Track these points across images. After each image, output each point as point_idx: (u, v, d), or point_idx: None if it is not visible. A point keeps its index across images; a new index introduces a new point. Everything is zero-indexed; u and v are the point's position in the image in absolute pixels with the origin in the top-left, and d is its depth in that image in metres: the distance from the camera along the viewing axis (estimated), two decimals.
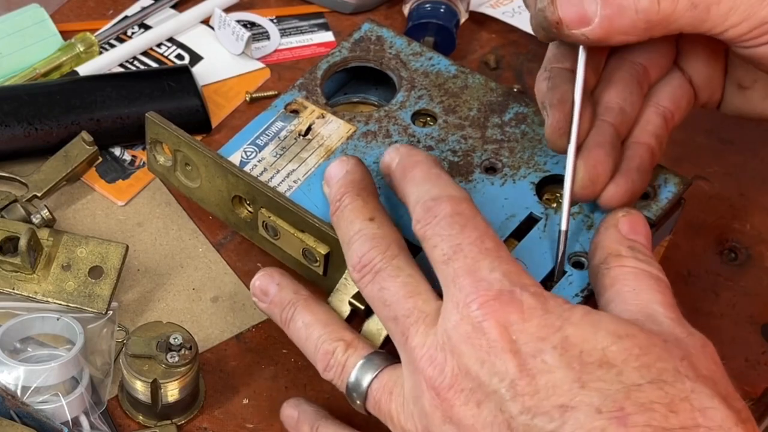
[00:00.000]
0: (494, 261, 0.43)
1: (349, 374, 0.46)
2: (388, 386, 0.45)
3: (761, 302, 0.59)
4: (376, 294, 0.45)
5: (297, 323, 0.48)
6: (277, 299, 0.49)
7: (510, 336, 0.41)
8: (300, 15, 0.72)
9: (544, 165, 0.54)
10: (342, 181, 0.49)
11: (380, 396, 0.45)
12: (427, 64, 0.58)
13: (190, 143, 0.54)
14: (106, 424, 0.52)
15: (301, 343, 0.48)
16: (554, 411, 0.39)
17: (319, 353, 0.47)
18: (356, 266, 0.46)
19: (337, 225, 0.48)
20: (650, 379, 0.39)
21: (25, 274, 0.54)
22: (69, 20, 0.70)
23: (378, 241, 0.46)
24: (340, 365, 0.46)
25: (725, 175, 0.64)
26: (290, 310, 0.48)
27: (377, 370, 0.45)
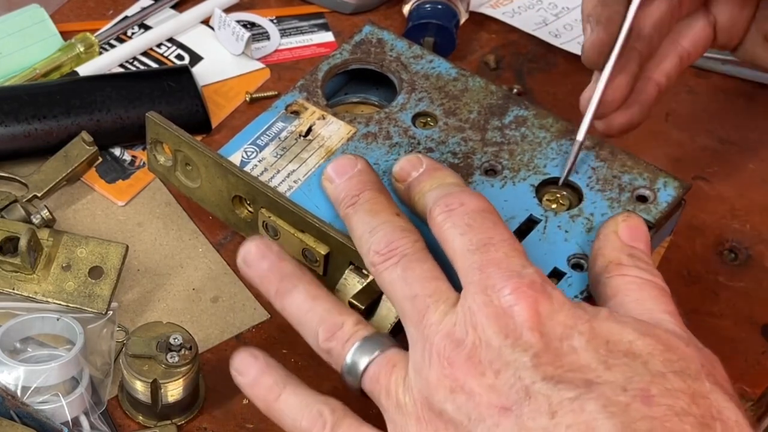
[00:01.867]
0: (526, 261, 0.43)
1: (353, 346, 0.45)
2: (392, 361, 0.44)
3: (761, 302, 0.59)
4: (399, 274, 0.44)
5: (300, 294, 0.46)
6: (276, 268, 0.47)
7: (539, 319, 0.41)
8: (300, 15, 0.72)
9: (544, 167, 0.54)
10: (359, 177, 0.49)
11: (380, 369, 0.44)
12: (428, 67, 0.58)
13: (190, 143, 0.54)
14: (106, 424, 0.52)
15: (300, 313, 0.46)
16: (579, 381, 0.39)
17: (327, 323, 0.45)
18: (382, 249, 0.45)
19: (354, 217, 0.47)
20: (674, 371, 0.40)
21: (25, 274, 0.54)
22: (69, 20, 0.70)
23: (408, 232, 0.46)
24: (347, 336, 0.45)
25: (725, 175, 0.64)
26: (293, 281, 0.47)
27: (384, 347, 0.45)
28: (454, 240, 0.44)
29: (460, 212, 0.45)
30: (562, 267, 0.50)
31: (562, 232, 0.51)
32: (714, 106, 0.68)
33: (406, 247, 0.45)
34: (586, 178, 0.53)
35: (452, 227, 0.45)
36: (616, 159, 0.54)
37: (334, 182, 0.49)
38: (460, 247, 0.44)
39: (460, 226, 0.44)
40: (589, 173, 0.53)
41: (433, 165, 0.49)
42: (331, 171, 0.50)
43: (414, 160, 0.49)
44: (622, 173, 0.53)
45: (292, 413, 0.45)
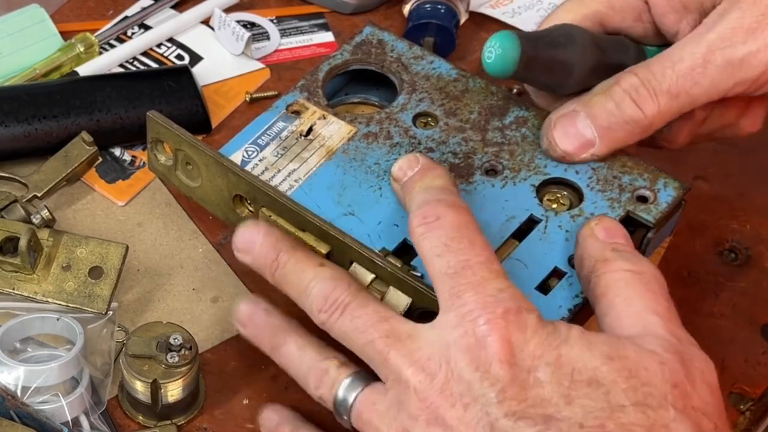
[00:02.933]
0: (502, 282, 0.44)
1: (340, 388, 0.46)
2: (371, 398, 0.45)
3: (761, 302, 0.59)
4: (348, 325, 0.45)
5: (290, 347, 0.48)
6: (266, 325, 0.49)
7: (511, 350, 0.42)
8: (300, 15, 0.72)
9: (545, 168, 0.54)
10: (267, 242, 0.49)
11: (363, 407, 0.45)
12: (429, 68, 0.58)
13: (191, 142, 0.54)
14: (106, 425, 0.52)
15: (293, 365, 0.48)
16: (538, 418, 0.40)
17: (313, 371, 0.47)
18: (322, 307, 0.46)
19: (284, 281, 0.48)
20: (635, 402, 0.41)
21: (25, 275, 0.54)
22: (69, 20, 0.70)
23: (338, 281, 0.46)
24: (332, 381, 0.46)
25: (725, 175, 0.64)
26: (283, 336, 0.48)
27: (363, 385, 0.46)
28: (432, 261, 0.45)
29: (437, 228, 0.45)
30: (562, 266, 0.50)
31: (562, 232, 0.51)
32: None
33: (343, 296, 0.46)
34: (586, 179, 0.53)
35: (429, 247, 0.45)
36: (616, 160, 0.54)
37: (249, 255, 0.49)
38: (437, 270, 0.44)
39: (437, 247, 0.45)
40: (589, 173, 0.53)
41: (427, 165, 0.49)
42: (239, 245, 0.49)
43: (411, 160, 0.50)
44: (622, 174, 0.53)
45: None
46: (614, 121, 0.51)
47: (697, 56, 0.50)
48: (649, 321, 0.44)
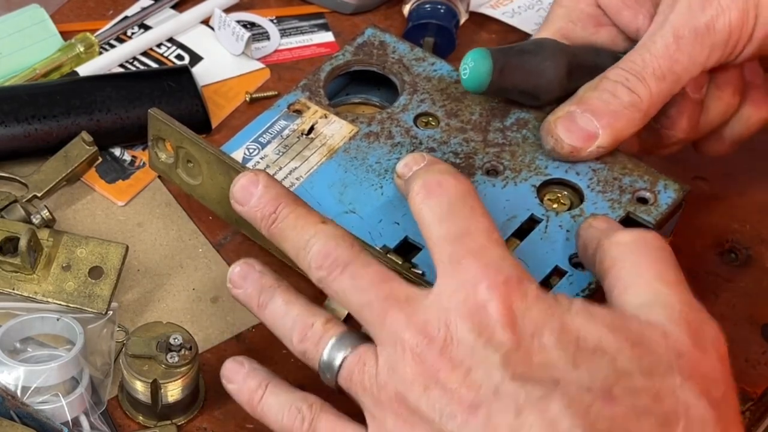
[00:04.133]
0: (503, 251, 0.43)
1: (326, 345, 0.46)
2: (362, 359, 0.45)
3: (761, 302, 0.59)
4: (348, 283, 0.45)
5: (276, 302, 0.48)
6: (257, 283, 0.49)
7: (513, 316, 0.42)
8: (300, 15, 0.72)
9: (545, 169, 0.54)
10: (267, 195, 0.48)
11: (353, 368, 0.45)
12: (430, 69, 0.58)
13: (192, 140, 0.54)
14: (106, 425, 0.51)
15: (277, 320, 0.48)
16: (546, 381, 0.40)
17: (298, 325, 0.46)
18: (322, 263, 0.45)
19: (282, 235, 0.47)
20: (640, 369, 0.40)
21: (25, 275, 0.54)
22: (69, 20, 0.70)
23: (340, 239, 0.46)
24: (317, 336, 0.46)
25: (725, 175, 0.64)
26: (271, 292, 0.48)
27: (355, 344, 0.45)
28: (431, 227, 0.44)
29: (438, 195, 0.45)
30: (563, 266, 0.50)
31: (563, 232, 0.51)
32: None
33: (346, 254, 0.45)
34: (587, 180, 0.53)
35: (430, 213, 0.45)
36: (616, 161, 0.54)
37: (245, 206, 0.49)
38: (437, 235, 0.44)
39: (437, 213, 0.44)
40: (590, 175, 0.53)
41: (433, 160, 0.49)
42: (237, 194, 0.49)
43: (417, 157, 0.50)
44: (622, 175, 0.53)
45: (274, 412, 0.47)
46: (614, 109, 0.52)
47: (667, 36, 0.52)
48: (658, 290, 0.44)
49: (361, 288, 0.44)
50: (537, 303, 0.42)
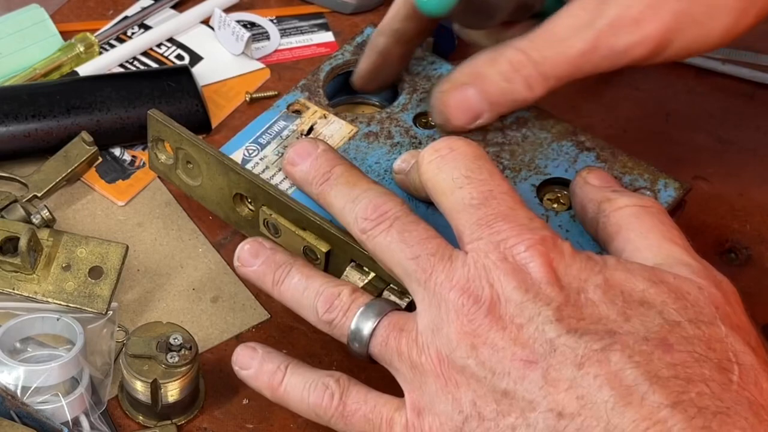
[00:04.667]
0: (530, 213, 0.43)
1: (356, 312, 0.45)
2: (398, 324, 0.44)
3: (761, 302, 0.59)
4: (395, 238, 0.44)
5: (294, 278, 0.47)
6: (271, 260, 0.48)
7: (556, 274, 0.41)
8: (300, 15, 0.72)
9: (545, 168, 0.54)
10: (325, 156, 0.49)
11: (389, 333, 0.44)
12: (429, 69, 0.58)
13: (192, 141, 0.54)
14: (106, 424, 0.51)
15: (297, 294, 0.47)
16: (603, 333, 0.40)
17: (323, 296, 0.46)
18: (371, 215, 0.45)
19: (332, 191, 0.47)
20: (689, 319, 0.41)
21: (25, 275, 0.54)
22: (69, 20, 0.70)
23: (392, 196, 0.46)
24: (346, 305, 0.45)
25: (725, 175, 0.64)
26: (287, 268, 0.48)
27: (387, 310, 0.45)
28: (452, 194, 0.44)
29: (452, 160, 0.45)
30: None
31: (563, 231, 0.51)
32: (714, 106, 0.68)
33: (396, 210, 0.45)
34: None
35: (448, 180, 0.44)
36: (616, 160, 0.54)
37: (298, 165, 0.49)
38: (460, 201, 0.44)
39: (458, 179, 0.44)
40: None
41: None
42: (293, 155, 0.49)
43: (414, 153, 0.50)
44: (622, 174, 0.53)
45: (299, 393, 0.46)
46: (506, 98, 0.52)
47: (587, 42, 0.51)
48: (671, 250, 0.44)
49: (409, 243, 0.44)
50: (575, 260, 0.42)
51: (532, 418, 0.40)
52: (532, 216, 0.43)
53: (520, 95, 0.52)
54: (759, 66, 0.69)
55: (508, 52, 0.52)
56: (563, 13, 0.52)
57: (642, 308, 0.41)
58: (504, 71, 0.52)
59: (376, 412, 0.44)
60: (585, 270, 0.42)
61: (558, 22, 0.52)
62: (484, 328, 0.41)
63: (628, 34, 0.51)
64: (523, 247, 0.42)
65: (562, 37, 0.51)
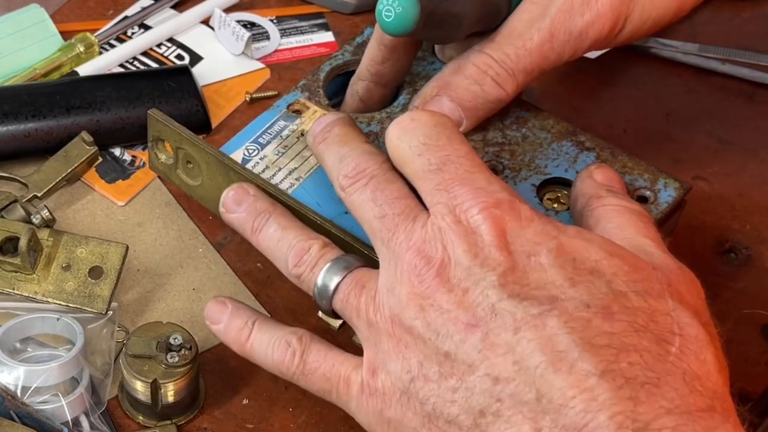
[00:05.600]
0: (489, 175, 0.44)
1: (322, 268, 0.46)
2: (361, 281, 0.45)
3: (761, 302, 0.59)
4: (368, 196, 0.45)
5: (271, 227, 0.48)
6: (252, 207, 0.49)
7: (506, 238, 0.42)
8: (300, 15, 0.72)
9: (545, 168, 0.54)
10: (330, 119, 0.50)
11: (350, 290, 0.45)
12: (429, 68, 0.58)
13: (192, 140, 0.54)
14: (106, 424, 0.51)
15: (272, 245, 0.48)
16: (543, 298, 0.40)
17: (294, 249, 0.47)
18: (350, 173, 0.46)
19: (326, 150, 0.48)
20: (636, 291, 0.41)
21: (25, 275, 0.54)
22: (69, 20, 0.70)
23: (375, 155, 0.47)
24: (314, 260, 0.46)
25: (725, 175, 0.64)
26: (266, 216, 0.48)
27: (352, 267, 0.46)
28: (412, 161, 0.45)
29: (412, 129, 0.45)
30: None
31: None
32: (714, 106, 0.68)
33: (374, 168, 0.46)
34: None
35: (407, 149, 0.45)
36: (616, 160, 0.54)
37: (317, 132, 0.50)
38: (419, 168, 0.44)
39: (416, 146, 0.45)
40: None
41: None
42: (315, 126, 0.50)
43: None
44: (622, 174, 0.53)
45: (264, 349, 0.47)
46: (480, 102, 0.53)
47: (544, 32, 0.52)
48: (642, 242, 0.45)
49: (378, 201, 0.45)
50: (531, 224, 0.42)
51: (470, 381, 0.40)
52: (491, 179, 0.44)
53: (492, 95, 0.53)
54: (759, 66, 0.69)
55: (471, 57, 0.53)
56: (518, 11, 0.53)
57: (591, 276, 0.41)
58: (471, 74, 0.53)
59: (335, 371, 0.45)
60: (540, 234, 0.42)
61: (514, 18, 0.53)
62: (432, 289, 0.42)
63: (581, 14, 0.52)
64: (477, 209, 0.42)
65: (520, 32, 0.53)
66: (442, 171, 0.44)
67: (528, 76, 0.53)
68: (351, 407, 0.45)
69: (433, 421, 0.41)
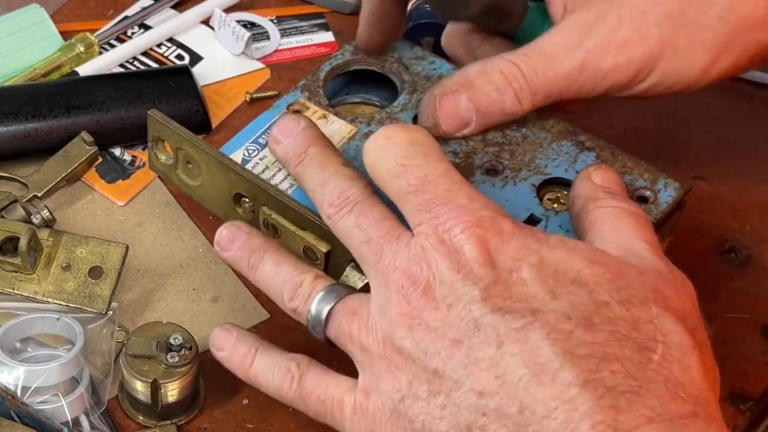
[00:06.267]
0: (469, 191, 0.44)
1: (315, 299, 0.46)
2: (352, 308, 0.45)
3: (761, 302, 0.59)
4: (353, 222, 0.45)
5: (266, 264, 0.48)
6: (246, 245, 0.49)
7: (489, 255, 0.42)
8: (300, 15, 0.72)
9: (545, 168, 0.54)
10: (304, 135, 0.50)
11: (342, 317, 0.45)
12: (429, 68, 0.58)
13: (192, 141, 0.54)
14: (106, 424, 0.51)
15: (268, 281, 0.48)
16: (525, 312, 0.41)
17: (288, 284, 0.47)
18: (335, 201, 0.46)
19: (305, 173, 0.48)
20: (618, 299, 0.41)
21: (25, 275, 0.54)
22: (69, 20, 0.70)
23: (357, 180, 0.47)
24: (307, 292, 0.47)
25: (725, 175, 0.64)
26: (261, 253, 0.49)
27: (342, 295, 0.46)
28: (391, 183, 0.45)
29: (387, 147, 0.45)
30: None
31: (563, 232, 0.51)
32: (714, 106, 0.68)
33: (357, 194, 0.46)
34: None
35: (384, 170, 0.45)
36: (616, 160, 0.54)
37: (281, 143, 0.50)
38: (399, 189, 0.45)
39: (392, 167, 0.45)
40: None
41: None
42: (277, 132, 0.50)
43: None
44: (622, 173, 0.53)
45: (265, 374, 0.48)
46: (494, 110, 0.53)
47: (576, 61, 0.52)
48: (636, 246, 0.45)
49: (363, 226, 0.45)
50: (513, 239, 0.43)
51: (457, 397, 0.41)
52: (472, 195, 0.44)
53: (509, 108, 0.53)
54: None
55: (501, 64, 0.53)
56: (554, 32, 0.53)
57: (572, 287, 0.41)
58: (496, 81, 0.52)
59: (329, 393, 0.46)
60: (522, 249, 0.42)
61: (548, 40, 0.53)
62: (419, 308, 0.42)
63: (614, 56, 0.52)
64: (459, 229, 0.42)
65: (552, 54, 0.52)
66: (421, 191, 0.44)
67: (546, 100, 0.53)
68: (345, 429, 0.45)
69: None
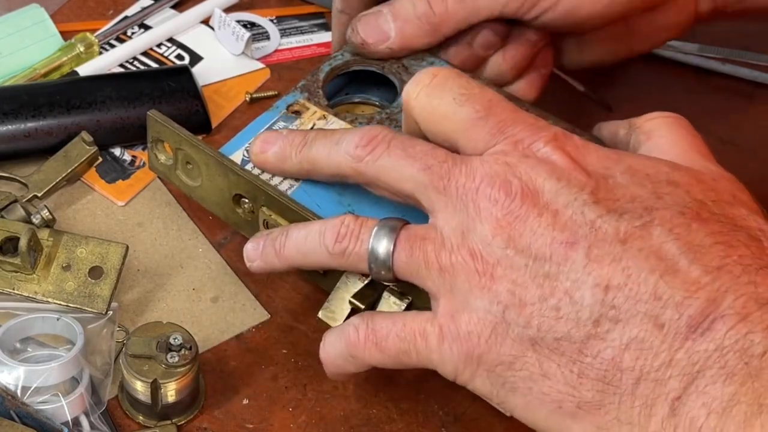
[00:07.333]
0: (531, 113, 0.44)
1: (370, 233, 0.45)
2: (419, 234, 0.44)
3: None
4: (399, 154, 0.45)
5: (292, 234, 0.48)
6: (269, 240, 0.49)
7: (580, 163, 0.42)
8: (300, 15, 0.72)
9: None
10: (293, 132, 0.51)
11: (412, 243, 0.44)
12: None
13: (191, 141, 0.54)
14: (106, 424, 0.52)
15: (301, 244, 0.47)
16: (640, 210, 0.41)
17: (328, 231, 0.46)
18: (362, 143, 0.45)
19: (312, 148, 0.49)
20: (712, 200, 0.42)
21: (25, 275, 0.54)
22: (69, 20, 0.70)
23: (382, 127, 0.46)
24: (355, 230, 0.45)
25: None
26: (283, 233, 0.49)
27: (398, 227, 0.45)
28: (455, 113, 0.44)
29: (439, 84, 0.45)
30: None
31: None
32: (714, 106, 0.68)
33: (386, 132, 0.46)
34: None
35: (444, 103, 0.45)
36: None
37: (270, 149, 0.50)
38: (466, 117, 0.44)
39: (456, 98, 0.44)
40: None
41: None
42: (260, 144, 0.51)
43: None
44: None
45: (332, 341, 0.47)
46: (407, 16, 0.54)
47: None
48: (695, 158, 0.45)
49: (416, 156, 0.44)
50: (590, 151, 0.43)
51: (578, 295, 0.40)
52: (535, 116, 0.44)
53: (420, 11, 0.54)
54: (759, 66, 0.69)
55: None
56: None
57: (671, 187, 0.42)
58: None
59: (408, 329, 0.44)
60: (604, 158, 0.43)
61: None
62: (521, 217, 0.42)
63: None
64: (542, 143, 0.43)
65: None
66: (491, 115, 0.44)
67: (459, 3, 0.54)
68: (433, 360, 0.44)
69: (538, 342, 0.41)
